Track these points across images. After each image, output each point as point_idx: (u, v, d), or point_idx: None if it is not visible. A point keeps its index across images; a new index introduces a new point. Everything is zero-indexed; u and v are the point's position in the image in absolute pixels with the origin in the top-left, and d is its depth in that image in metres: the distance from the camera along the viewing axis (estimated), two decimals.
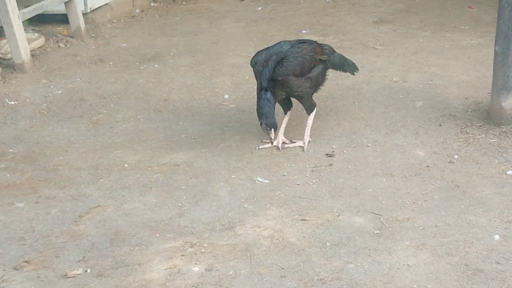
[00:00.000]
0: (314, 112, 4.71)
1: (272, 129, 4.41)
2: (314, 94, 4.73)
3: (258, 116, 4.44)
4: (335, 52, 4.87)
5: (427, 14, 7.72)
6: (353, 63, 4.99)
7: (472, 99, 5.23)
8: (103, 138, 4.96)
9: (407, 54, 6.38)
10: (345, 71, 4.97)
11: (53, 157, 4.66)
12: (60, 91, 5.72)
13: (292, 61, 4.49)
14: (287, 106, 4.73)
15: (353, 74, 5.05)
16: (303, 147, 4.64)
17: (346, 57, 4.99)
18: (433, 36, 6.91)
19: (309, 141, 4.67)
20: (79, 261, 3.51)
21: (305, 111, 4.74)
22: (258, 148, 4.65)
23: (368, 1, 8.43)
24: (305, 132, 4.69)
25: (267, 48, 4.65)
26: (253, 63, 4.59)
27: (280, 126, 4.71)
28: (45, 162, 4.59)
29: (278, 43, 4.71)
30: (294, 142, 4.70)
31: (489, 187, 4.08)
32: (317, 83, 4.68)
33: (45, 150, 4.77)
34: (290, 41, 4.72)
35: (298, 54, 4.54)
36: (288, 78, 4.47)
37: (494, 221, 3.73)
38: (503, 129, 4.69)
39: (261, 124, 4.43)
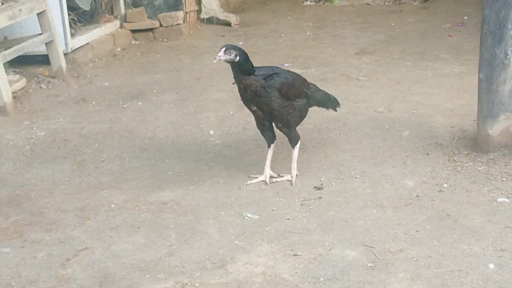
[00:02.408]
0: (298, 145, 4.67)
1: (231, 50, 4.28)
2: (299, 127, 4.69)
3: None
4: (320, 90, 4.86)
5: (408, 44, 7.78)
6: (336, 98, 4.97)
7: (458, 127, 5.24)
8: (89, 178, 4.90)
9: (390, 84, 6.40)
10: (328, 107, 4.94)
11: (38, 200, 4.58)
12: (43, 133, 5.66)
13: (283, 78, 4.46)
14: (270, 139, 4.68)
15: (336, 111, 5.01)
16: (291, 180, 4.61)
17: (329, 93, 4.97)
18: (415, 66, 6.95)
19: (296, 175, 4.64)
20: None
21: (290, 145, 4.70)
22: (246, 184, 4.61)
23: (348, 33, 8.48)
24: (292, 166, 4.65)
25: (258, 67, 4.57)
26: None
27: (266, 160, 4.67)
28: (30, 205, 4.51)
29: (269, 66, 4.71)
30: (282, 176, 4.66)
31: (480, 215, 4.05)
32: (301, 114, 4.64)
33: (30, 193, 4.69)
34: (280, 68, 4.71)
35: (289, 75, 4.55)
36: (273, 93, 4.41)
37: (488, 249, 3.70)
38: (491, 156, 4.69)
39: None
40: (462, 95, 5.94)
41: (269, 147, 4.69)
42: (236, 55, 4.31)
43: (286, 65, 7.18)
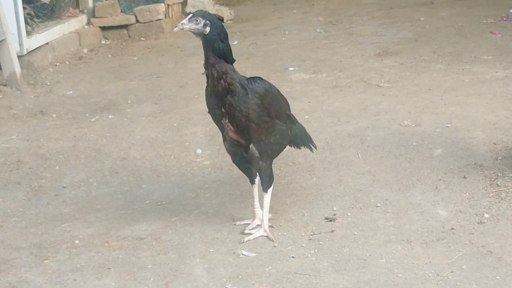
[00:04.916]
0: (271, 188, 4.45)
1: (199, 18, 4.11)
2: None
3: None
4: (298, 122, 4.68)
5: (441, 43, 7.84)
6: (311, 139, 4.81)
7: (502, 144, 5.27)
8: (47, 208, 4.92)
9: (419, 92, 6.45)
10: (304, 145, 4.77)
11: None
12: None
13: (267, 85, 4.33)
14: (253, 174, 4.47)
15: (312, 151, 4.86)
16: (266, 236, 4.37)
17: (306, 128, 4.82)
18: (449, 69, 7.00)
19: (270, 226, 4.43)
20: None
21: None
22: (236, 223, 4.53)
23: (367, 30, 8.55)
24: (263, 214, 4.42)
25: None
26: None
27: (253, 200, 4.52)
28: None
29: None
30: (250, 233, 4.40)
31: None
32: (282, 142, 4.45)
33: None
34: None
35: (273, 86, 4.42)
36: (254, 100, 4.22)
37: None
38: None
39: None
40: (507, 105, 5.99)
41: (253, 183, 4.53)
42: (205, 25, 4.11)
43: (291, 69, 7.24)
